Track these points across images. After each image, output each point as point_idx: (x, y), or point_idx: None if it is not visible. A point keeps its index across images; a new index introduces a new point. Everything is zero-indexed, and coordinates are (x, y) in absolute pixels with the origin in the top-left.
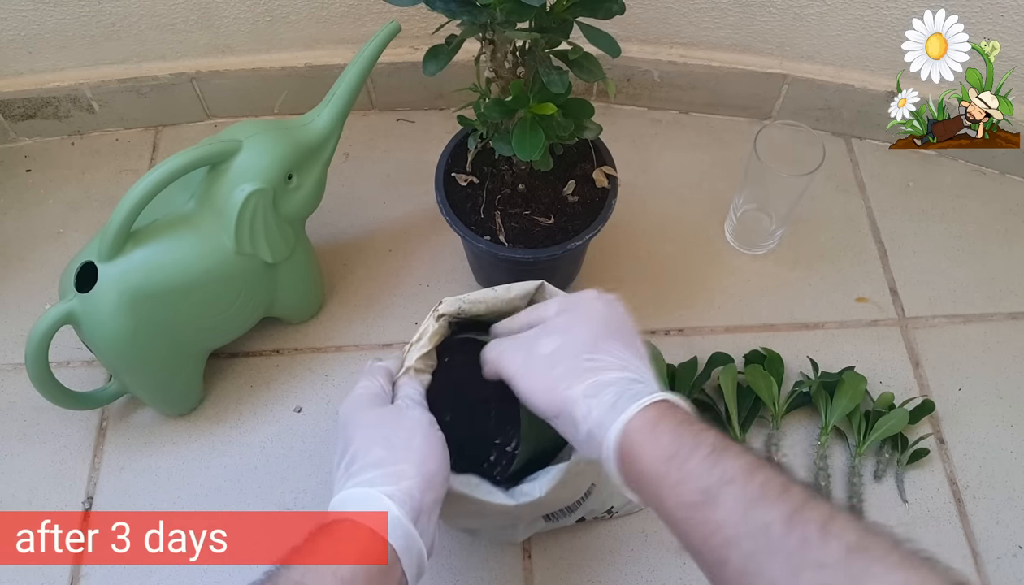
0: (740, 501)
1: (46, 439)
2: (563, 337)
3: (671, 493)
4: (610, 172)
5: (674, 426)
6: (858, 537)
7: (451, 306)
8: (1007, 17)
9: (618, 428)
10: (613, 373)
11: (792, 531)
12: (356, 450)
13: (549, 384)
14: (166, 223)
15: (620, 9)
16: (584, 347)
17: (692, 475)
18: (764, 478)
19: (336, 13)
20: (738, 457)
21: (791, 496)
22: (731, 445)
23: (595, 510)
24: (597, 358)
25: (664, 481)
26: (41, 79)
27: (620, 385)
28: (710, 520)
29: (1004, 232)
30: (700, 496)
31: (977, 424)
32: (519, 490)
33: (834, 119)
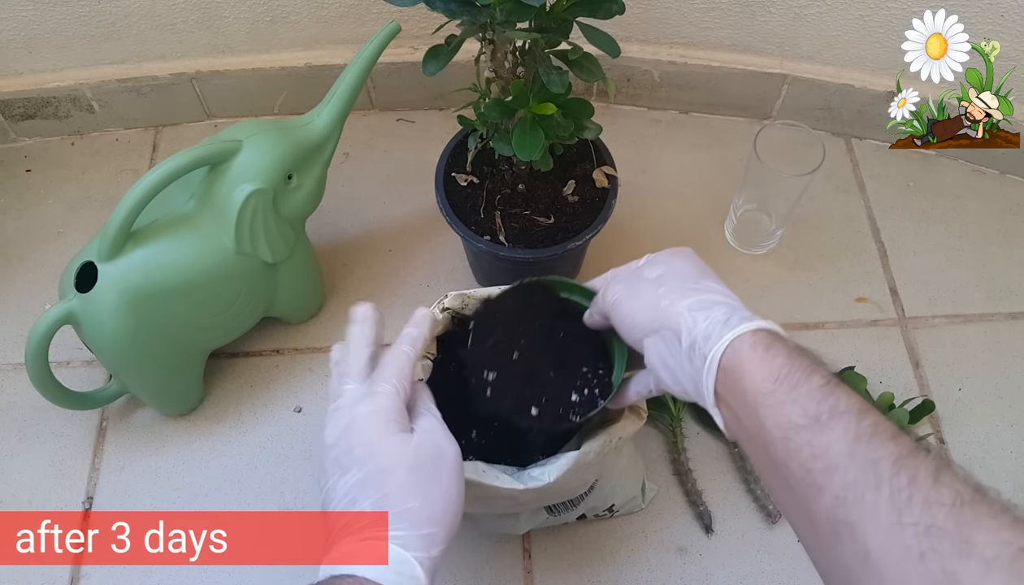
0: (849, 432)
1: (46, 439)
2: (667, 266)
3: (774, 412)
4: (610, 172)
5: (788, 352)
6: (971, 490)
7: (456, 301)
8: (1007, 17)
9: (728, 341)
10: (721, 297)
11: (902, 471)
12: (391, 493)
13: (653, 301)
14: (166, 223)
15: (620, 9)
16: (690, 275)
17: (803, 398)
18: (876, 419)
19: (336, 13)
20: (851, 395)
21: (903, 441)
22: (844, 384)
23: (596, 507)
24: (703, 284)
25: (769, 399)
26: (41, 79)
27: (729, 307)
28: (814, 444)
29: (1004, 232)
30: (808, 420)
31: (977, 424)
32: (528, 474)
33: (834, 119)
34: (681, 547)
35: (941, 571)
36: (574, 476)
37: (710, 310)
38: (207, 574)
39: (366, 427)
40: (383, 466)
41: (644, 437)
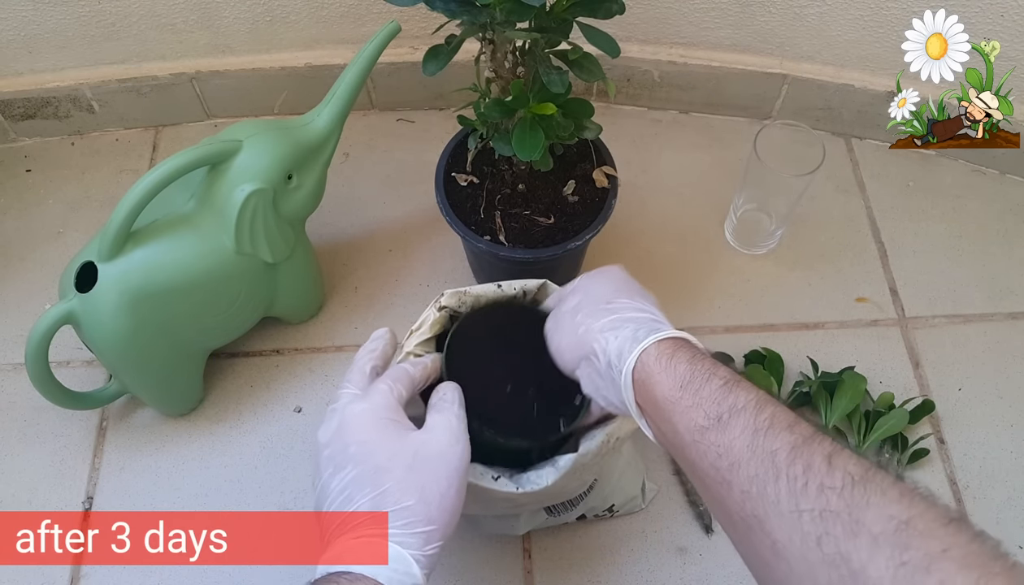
0: (748, 428)
1: (46, 439)
2: (584, 292)
3: (683, 417)
4: (610, 172)
5: (689, 358)
6: (862, 470)
7: (453, 299)
8: (1007, 17)
9: (636, 355)
10: (631, 313)
11: (797, 459)
12: (388, 491)
13: (572, 330)
14: (166, 223)
15: (620, 9)
16: (603, 297)
17: (705, 401)
18: (773, 411)
19: (336, 13)
20: (749, 391)
21: (799, 429)
22: (743, 380)
23: (596, 507)
24: (616, 302)
25: (677, 406)
26: (41, 79)
27: (639, 322)
28: (719, 443)
29: (1004, 232)
30: (711, 421)
31: (977, 424)
32: (525, 478)
33: (834, 119)
34: (681, 547)
35: (836, 553)
36: (572, 478)
37: (620, 329)
38: (207, 574)
39: (361, 425)
40: (380, 464)
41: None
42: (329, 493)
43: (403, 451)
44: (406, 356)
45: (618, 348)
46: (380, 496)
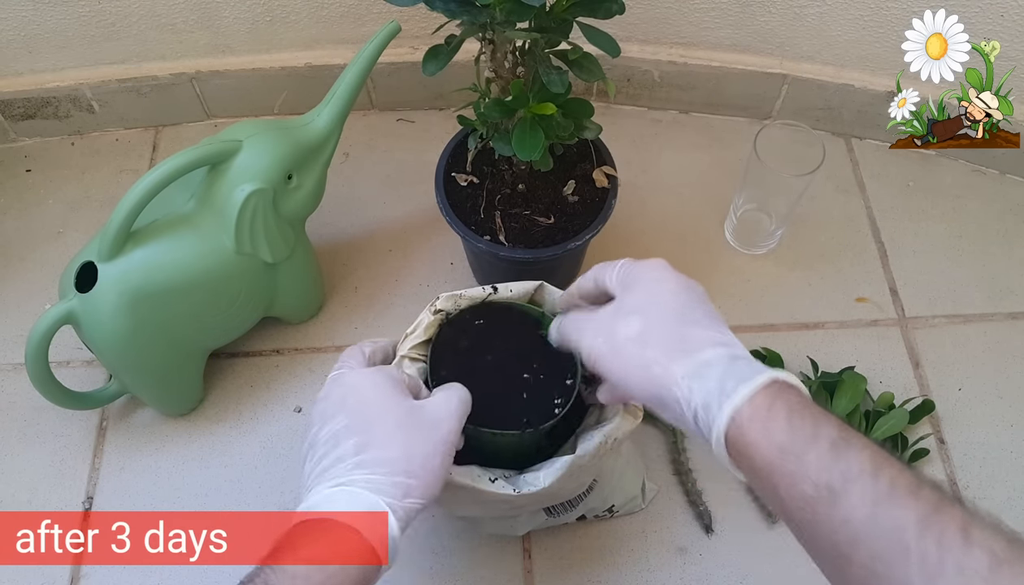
0: (866, 498)
1: (46, 439)
2: (645, 316)
3: (787, 486)
4: (610, 172)
5: (787, 414)
6: (1005, 547)
7: (448, 302)
8: (1007, 17)
9: (727, 414)
10: (710, 350)
11: (927, 532)
12: (374, 439)
13: (643, 367)
14: (166, 223)
15: (620, 9)
16: (672, 324)
17: (811, 468)
18: (892, 475)
19: (336, 13)
20: (861, 450)
21: (924, 495)
22: (852, 436)
23: (596, 508)
24: (689, 334)
25: (779, 474)
26: (41, 79)
27: (722, 363)
28: (833, 516)
29: (1004, 232)
30: (820, 491)
31: (977, 424)
32: (523, 479)
33: (834, 119)
34: (681, 547)
35: None
36: (570, 479)
37: (704, 377)
38: (207, 574)
39: (362, 385)
40: (370, 416)
41: (644, 437)
42: (316, 443)
43: (396, 409)
44: (400, 360)
45: (704, 401)
46: (365, 443)
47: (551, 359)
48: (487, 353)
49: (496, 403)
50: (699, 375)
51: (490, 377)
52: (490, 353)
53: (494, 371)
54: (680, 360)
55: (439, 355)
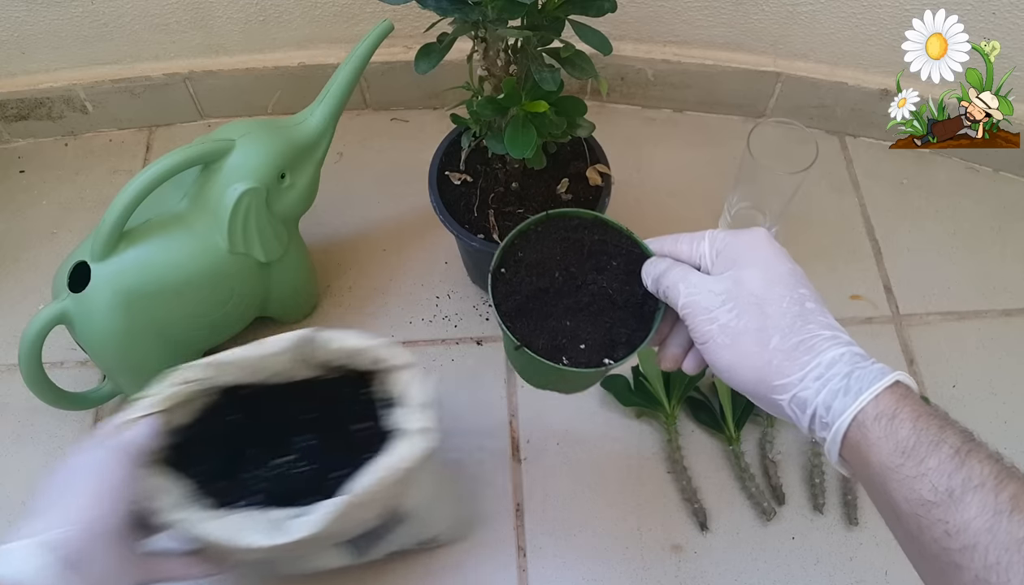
0: (987, 508)
1: (40, 439)
2: (762, 308)
3: (902, 486)
4: (604, 170)
5: (913, 418)
6: None
7: (197, 372)
8: (1006, 17)
9: (851, 415)
10: (831, 349)
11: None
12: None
13: (762, 369)
14: (159, 223)
15: (612, 7)
16: (792, 318)
17: (932, 472)
18: (1016, 489)
19: (329, 13)
20: (985, 462)
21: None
22: (976, 446)
23: (409, 541)
24: (810, 332)
25: (896, 474)
26: (34, 80)
27: (844, 362)
28: (949, 521)
29: (998, 229)
30: (940, 496)
31: (971, 421)
32: (287, 524)
33: (828, 117)
34: (676, 545)
35: None
36: (347, 519)
37: (829, 378)
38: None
39: None
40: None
41: (639, 435)
42: None
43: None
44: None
45: (827, 401)
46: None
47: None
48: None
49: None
50: (824, 377)
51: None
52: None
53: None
54: (804, 362)
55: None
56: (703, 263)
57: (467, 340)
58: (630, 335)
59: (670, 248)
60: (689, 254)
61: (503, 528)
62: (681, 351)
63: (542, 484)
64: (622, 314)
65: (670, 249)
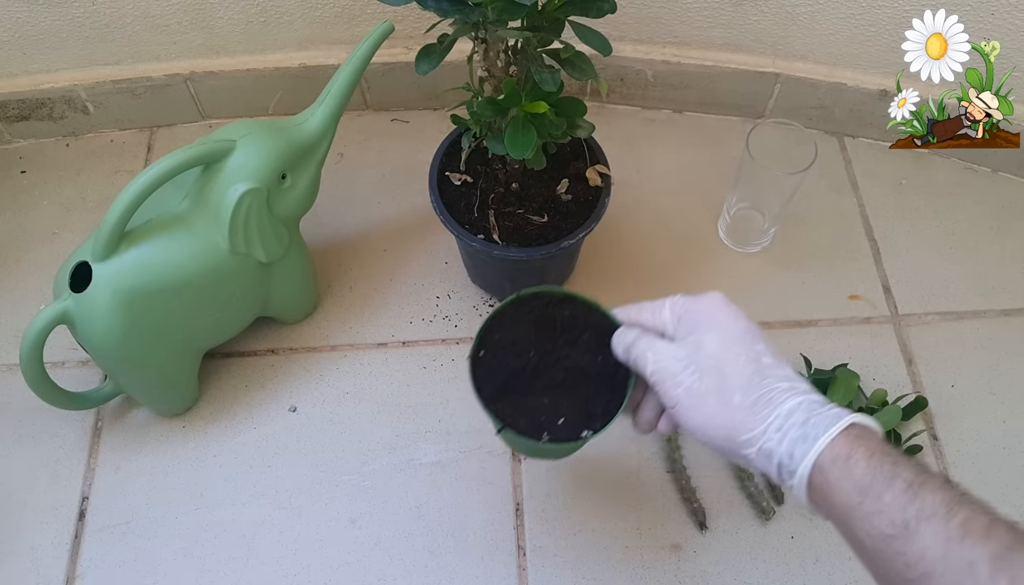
0: (940, 536)
1: (42, 439)
2: (721, 370)
3: (864, 524)
4: (604, 171)
5: (867, 457)
6: None
7: None
8: (1006, 17)
9: (811, 461)
10: (789, 400)
11: (1000, 573)
12: None
13: (727, 426)
14: (160, 223)
15: (611, 8)
16: (750, 375)
17: (888, 507)
18: (966, 515)
19: (330, 14)
20: (936, 492)
21: (997, 535)
22: (928, 478)
23: None
24: (768, 386)
25: (857, 512)
26: (36, 80)
27: (801, 411)
28: (907, 552)
29: (996, 229)
30: (896, 529)
31: (970, 420)
32: None
33: (827, 118)
34: (675, 544)
35: None
36: None
37: (788, 427)
38: (203, 574)
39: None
40: None
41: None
42: None
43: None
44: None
45: (789, 449)
46: None
47: (596, 359)
48: (534, 345)
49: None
50: (784, 427)
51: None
52: (538, 346)
53: (540, 364)
54: (765, 415)
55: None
56: (666, 330)
57: (467, 340)
58: (605, 405)
59: (635, 317)
60: (653, 322)
61: (503, 528)
62: (654, 415)
63: (542, 484)
64: (596, 386)
65: (635, 318)
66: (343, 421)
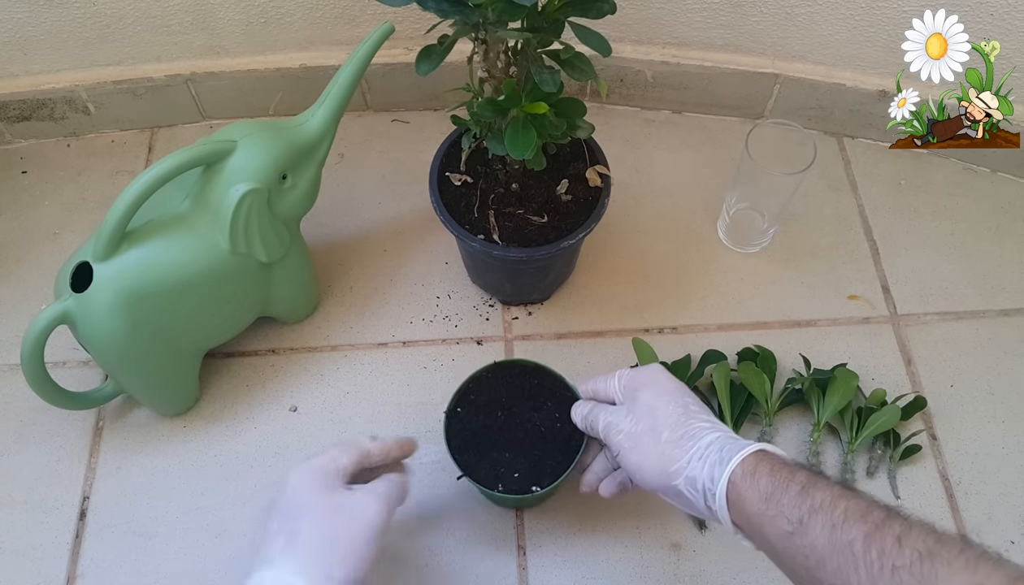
0: (826, 525)
1: (42, 439)
2: (654, 416)
3: (771, 527)
4: (603, 171)
5: (769, 470)
6: (930, 545)
7: None
8: (1005, 17)
9: (726, 478)
10: (708, 434)
11: (871, 545)
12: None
13: (659, 456)
14: (161, 223)
15: (611, 9)
16: (678, 418)
17: (787, 508)
18: (847, 504)
19: (330, 14)
20: (824, 489)
21: (872, 516)
22: (820, 480)
23: None
24: (692, 426)
25: (764, 517)
26: (37, 81)
27: (718, 443)
28: (803, 544)
29: (995, 229)
30: (794, 526)
31: (969, 420)
32: None
33: (826, 118)
34: (675, 543)
35: None
36: None
37: (706, 455)
38: (203, 573)
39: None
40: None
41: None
42: (263, 534)
43: (324, 504)
44: None
45: (710, 473)
46: (293, 533)
47: (555, 425)
48: (503, 407)
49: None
50: (704, 455)
51: (502, 430)
52: (507, 408)
53: (507, 424)
54: (688, 447)
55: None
56: (616, 398)
57: (467, 340)
58: (555, 466)
59: (592, 389)
60: (605, 392)
61: (503, 528)
62: (596, 479)
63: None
64: (551, 448)
65: (592, 390)
66: (343, 421)
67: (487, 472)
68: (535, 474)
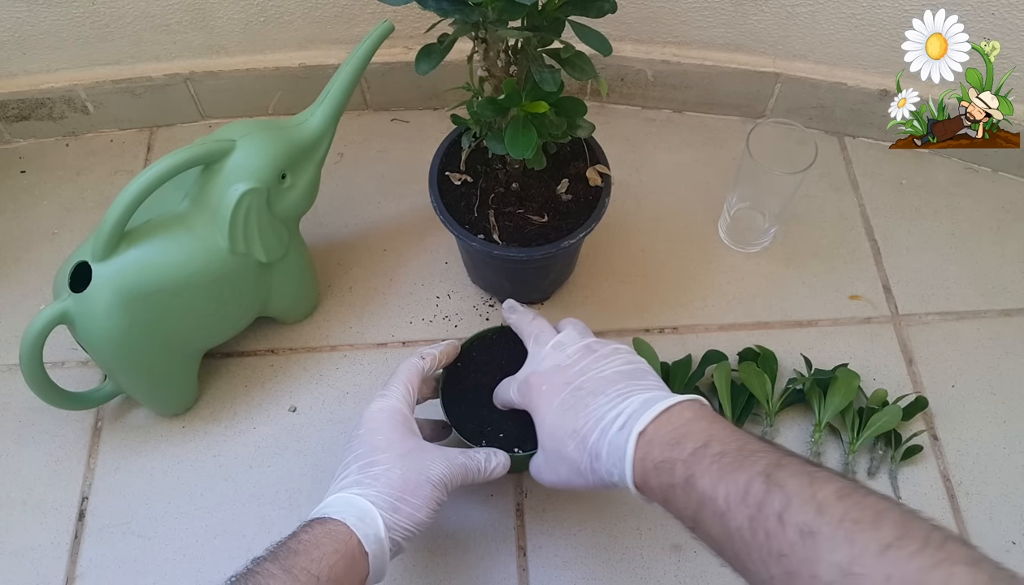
0: (715, 517)
1: (41, 439)
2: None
3: (681, 524)
4: (604, 171)
5: (655, 468)
6: (810, 518)
7: None
8: (1006, 17)
9: (631, 484)
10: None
11: (757, 529)
12: (379, 461)
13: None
14: (160, 223)
15: (612, 8)
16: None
17: (681, 508)
18: (727, 489)
19: (330, 13)
20: (704, 475)
21: (751, 496)
22: (700, 462)
23: None
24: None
25: (673, 516)
26: (35, 80)
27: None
28: (706, 538)
29: (997, 229)
30: (691, 523)
31: (970, 421)
32: None
33: (827, 117)
34: (675, 544)
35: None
36: None
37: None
38: (203, 573)
39: (374, 419)
40: (378, 445)
41: None
42: (339, 465)
43: (400, 443)
44: None
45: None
46: (368, 464)
47: None
48: (501, 370)
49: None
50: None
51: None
52: (505, 371)
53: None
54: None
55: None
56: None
57: None
58: None
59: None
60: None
61: (503, 528)
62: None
63: (542, 484)
64: None
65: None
66: (343, 421)
67: (473, 427)
68: (519, 437)
